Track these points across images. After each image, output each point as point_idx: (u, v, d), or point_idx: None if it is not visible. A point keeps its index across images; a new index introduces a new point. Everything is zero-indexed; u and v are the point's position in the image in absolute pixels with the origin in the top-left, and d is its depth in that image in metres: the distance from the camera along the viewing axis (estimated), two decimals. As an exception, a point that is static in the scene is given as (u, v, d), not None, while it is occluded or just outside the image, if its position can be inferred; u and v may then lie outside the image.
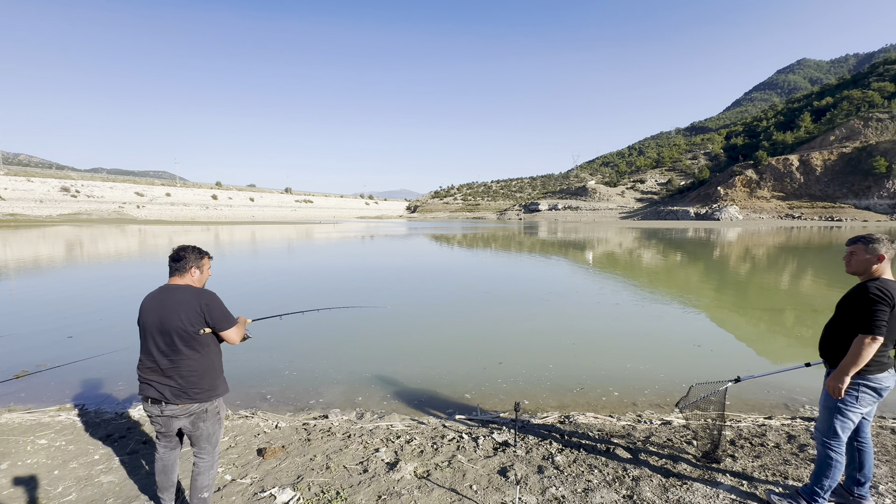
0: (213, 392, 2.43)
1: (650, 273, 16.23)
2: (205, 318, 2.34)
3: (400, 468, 3.22)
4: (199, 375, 2.35)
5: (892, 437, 3.92)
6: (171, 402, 2.31)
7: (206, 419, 2.42)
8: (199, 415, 2.39)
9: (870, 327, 2.33)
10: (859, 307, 2.41)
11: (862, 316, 2.38)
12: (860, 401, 2.48)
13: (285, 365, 6.01)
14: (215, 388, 2.45)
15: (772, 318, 9.01)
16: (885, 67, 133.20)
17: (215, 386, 2.44)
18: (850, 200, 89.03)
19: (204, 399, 2.39)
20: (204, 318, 2.34)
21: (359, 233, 42.65)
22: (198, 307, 2.32)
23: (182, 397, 2.32)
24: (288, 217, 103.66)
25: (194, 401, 2.35)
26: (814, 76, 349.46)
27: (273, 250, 23.82)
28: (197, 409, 2.38)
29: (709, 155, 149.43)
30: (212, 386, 2.42)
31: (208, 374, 2.40)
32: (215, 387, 2.45)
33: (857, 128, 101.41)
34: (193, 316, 2.30)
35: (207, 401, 2.41)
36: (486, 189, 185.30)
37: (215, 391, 2.44)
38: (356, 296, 10.94)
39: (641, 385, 5.31)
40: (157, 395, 2.31)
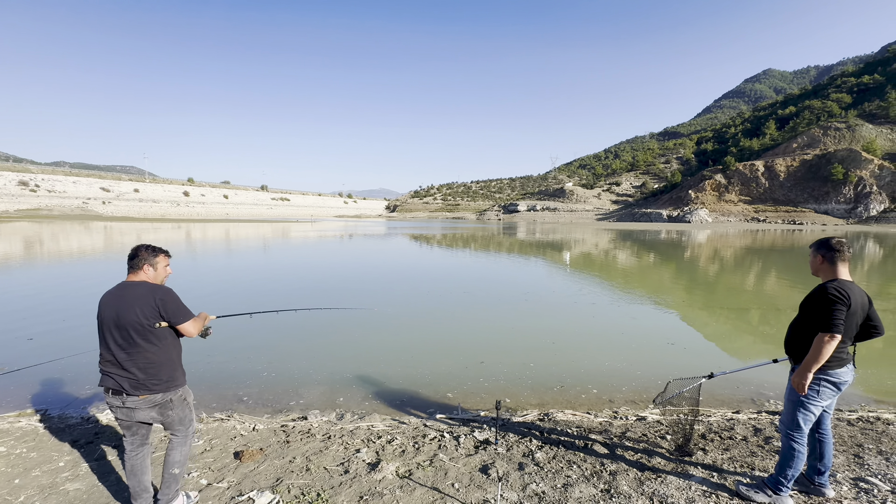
0: (172, 383, 2.53)
1: (625, 274, 16.65)
2: (160, 311, 2.43)
3: (381, 468, 3.21)
4: (156, 367, 2.44)
5: (849, 429, 4.16)
6: (131, 394, 2.40)
7: (172, 408, 2.54)
8: (165, 405, 2.50)
9: (829, 326, 2.46)
10: (819, 307, 2.54)
11: (822, 315, 2.51)
12: (821, 395, 2.62)
13: (263, 366, 5.89)
14: (174, 378, 2.55)
15: (739, 316, 9.40)
16: (842, 80, 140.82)
17: (174, 377, 2.55)
18: (810, 205, 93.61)
19: (164, 389, 2.49)
20: (159, 312, 2.43)
21: (337, 232, 42.10)
22: (153, 301, 2.42)
23: (141, 389, 2.41)
24: (264, 215, 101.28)
25: (154, 392, 2.45)
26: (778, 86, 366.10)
27: (248, 249, 23.24)
28: (161, 399, 2.48)
29: (681, 159, 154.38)
30: (170, 377, 2.52)
31: (166, 366, 2.49)
32: (174, 377, 2.55)
33: (818, 136, 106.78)
34: (148, 310, 2.40)
35: (168, 391, 2.51)
36: (466, 189, 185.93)
37: (174, 382, 2.55)
38: (334, 296, 10.81)
39: (619, 382, 5.45)
40: (117, 387, 2.41)
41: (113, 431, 3.90)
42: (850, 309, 2.49)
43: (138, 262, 2.52)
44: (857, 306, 2.53)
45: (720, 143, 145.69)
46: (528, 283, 13.60)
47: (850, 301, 2.48)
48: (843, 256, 2.62)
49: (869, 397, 5.25)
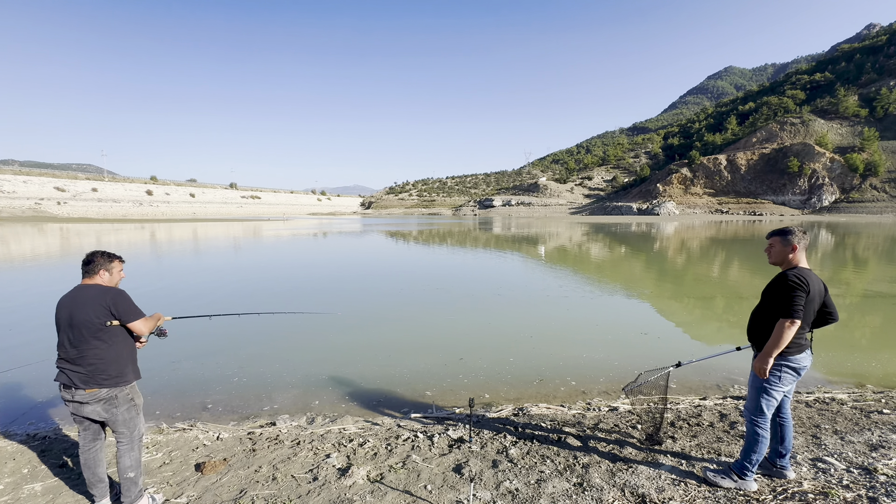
0: (120, 379, 2.63)
1: (598, 266, 16.99)
2: (111, 310, 2.57)
3: (352, 473, 3.11)
4: (105, 363, 2.57)
5: (807, 410, 4.34)
6: (80, 388, 2.53)
7: (117, 405, 2.63)
8: (110, 400, 2.61)
9: (789, 312, 2.53)
10: (780, 294, 2.61)
11: (782, 302, 2.58)
12: (782, 380, 2.69)
13: (233, 371, 5.65)
14: (123, 375, 2.65)
15: (706, 305, 9.73)
16: (796, 77, 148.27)
17: (123, 374, 2.65)
18: (769, 196, 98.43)
19: (111, 385, 2.60)
20: (110, 311, 2.57)
21: (311, 230, 41.22)
22: (104, 302, 2.56)
23: (90, 383, 2.54)
24: (233, 214, 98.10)
25: (102, 386, 2.57)
26: (739, 83, 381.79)
27: (217, 249, 22.43)
28: (106, 394, 2.59)
29: (649, 154, 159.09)
30: (119, 373, 2.63)
31: (115, 362, 2.61)
32: (123, 374, 2.65)
33: (775, 131, 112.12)
34: (99, 310, 2.54)
35: (115, 387, 2.61)
36: (442, 185, 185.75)
37: (123, 378, 2.64)
38: (306, 297, 10.54)
39: (596, 373, 5.51)
40: (68, 381, 2.55)
41: (61, 447, 3.63)
42: (809, 296, 2.56)
43: (94, 267, 2.67)
44: (815, 293, 2.60)
45: (686, 138, 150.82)
46: (502, 278, 13.67)
47: (809, 288, 2.55)
48: (801, 245, 2.69)
49: (823, 378, 5.52)
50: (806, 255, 2.77)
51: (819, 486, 2.76)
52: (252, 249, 22.69)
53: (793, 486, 2.76)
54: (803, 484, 2.78)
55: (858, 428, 3.82)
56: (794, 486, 2.76)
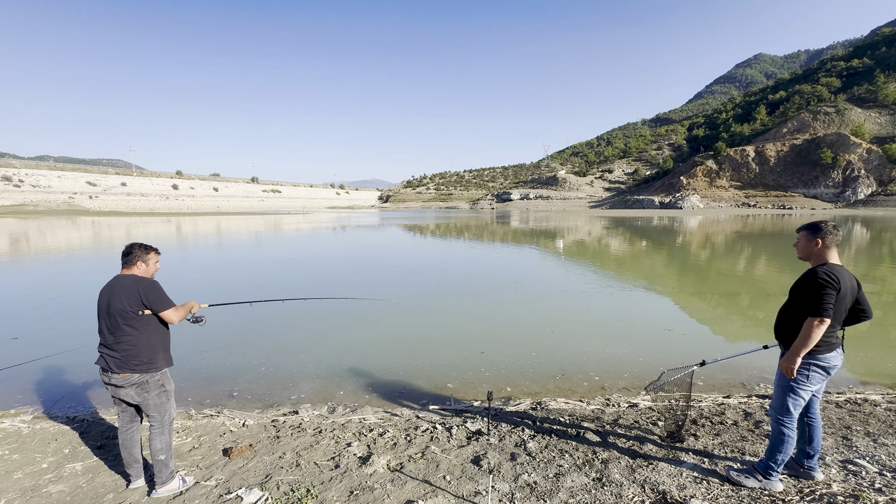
0: (151, 365, 2.78)
1: (617, 261, 16.71)
2: (142, 300, 2.72)
3: (372, 462, 3.18)
4: (137, 350, 2.72)
5: (837, 411, 4.20)
6: (115, 372, 2.71)
7: (148, 390, 2.78)
8: (142, 385, 2.76)
9: (818, 310, 2.44)
10: (809, 291, 2.51)
11: (811, 300, 2.49)
12: (811, 379, 2.62)
13: (259, 360, 5.82)
14: (154, 361, 2.80)
15: (731, 301, 9.47)
16: (831, 64, 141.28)
17: (154, 360, 2.80)
18: (799, 189, 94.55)
19: (142, 370, 2.75)
20: (141, 301, 2.72)
21: (330, 223, 41.78)
22: (136, 292, 2.71)
23: (123, 368, 2.71)
24: (255, 207, 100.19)
25: (134, 371, 2.72)
26: (769, 70, 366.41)
27: (241, 241, 22.99)
28: (138, 379, 2.75)
29: (672, 146, 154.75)
30: (150, 360, 2.78)
31: (146, 349, 2.76)
32: (154, 360, 2.80)
33: (807, 121, 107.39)
34: (133, 299, 2.70)
35: (146, 372, 2.76)
36: (459, 179, 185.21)
37: (153, 364, 2.79)
38: (331, 288, 10.72)
39: (621, 369, 5.45)
40: (105, 365, 2.73)
41: (99, 430, 3.83)
42: (840, 293, 2.46)
43: (132, 258, 2.83)
44: (846, 290, 2.50)
45: (711, 129, 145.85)
46: (519, 272, 13.60)
47: (839, 285, 2.45)
48: (833, 240, 2.59)
49: (856, 379, 5.32)
50: (838, 252, 2.66)
51: (849, 488, 2.68)
52: (275, 243, 23.17)
53: (821, 488, 2.69)
54: (832, 486, 2.71)
55: (893, 430, 3.68)
56: (823, 488, 2.69)
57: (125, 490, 2.87)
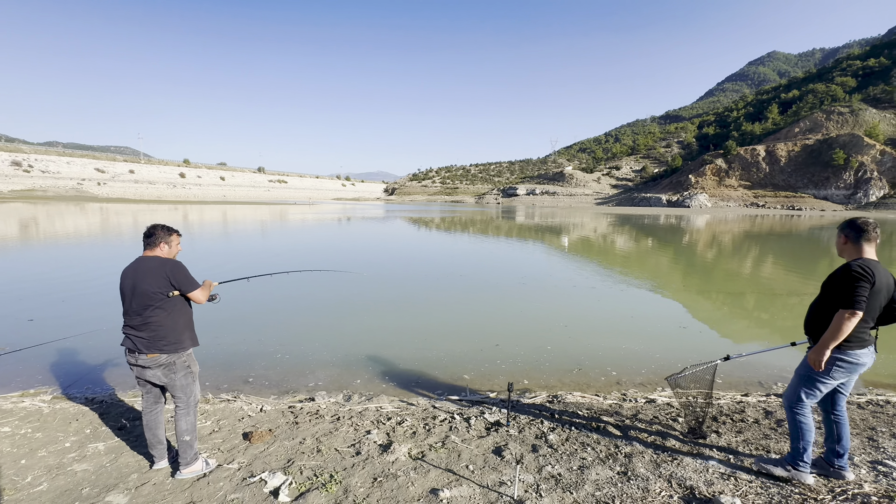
0: (178, 345, 2.79)
1: (625, 258, 16.61)
2: (170, 281, 2.72)
3: (394, 450, 3.17)
4: (165, 330, 2.73)
5: (860, 412, 4.14)
6: (142, 353, 2.70)
7: (175, 371, 2.79)
8: (169, 366, 2.76)
9: (850, 302, 2.42)
10: (842, 284, 2.49)
11: (843, 292, 2.47)
12: (832, 373, 2.60)
13: (274, 347, 5.84)
14: (181, 342, 2.80)
15: (743, 301, 9.38)
16: (847, 63, 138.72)
17: (181, 340, 2.81)
18: (810, 190, 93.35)
19: (171, 350, 2.76)
20: (170, 282, 2.72)
21: (336, 214, 41.83)
22: (164, 273, 2.71)
23: (151, 348, 2.70)
24: (261, 197, 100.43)
25: (162, 352, 2.72)
26: (782, 69, 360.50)
27: (247, 230, 23.06)
28: (166, 360, 2.75)
29: (681, 143, 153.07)
30: (177, 340, 2.78)
31: (173, 330, 2.77)
32: (181, 341, 2.81)
33: (820, 121, 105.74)
34: (160, 280, 2.70)
35: (174, 352, 2.77)
36: (465, 173, 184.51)
37: (181, 344, 2.80)
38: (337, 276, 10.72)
39: (637, 365, 5.41)
40: (132, 346, 2.72)
41: (118, 411, 3.84)
42: (875, 287, 2.44)
43: (155, 239, 2.83)
44: (881, 286, 2.48)
45: (722, 128, 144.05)
46: (527, 267, 13.55)
47: (874, 279, 2.43)
48: (868, 236, 2.56)
49: (876, 381, 5.24)
50: (875, 249, 2.61)
51: (882, 489, 2.63)
52: (282, 232, 23.23)
53: (853, 488, 2.64)
54: (864, 486, 2.66)
55: (918, 432, 3.62)
56: (855, 488, 2.65)
57: (149, 471, 2.88)
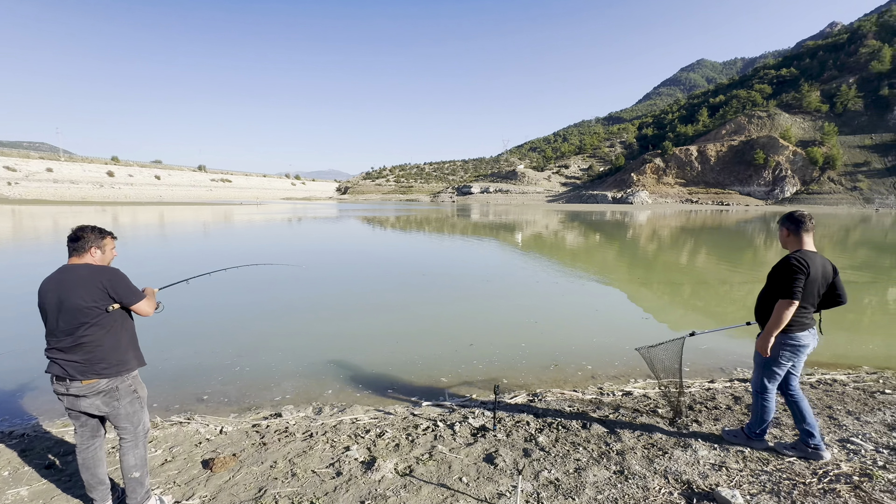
0: (122, 367, 2.36)
1: (582, 253, 17.18)
2: (108, 293, 2.29)
3: (378, 467, 2.91)
4: (105, 350, 2.30)
5: (814, 392, 4.41)
6: (76, 379, 2.26)
7: (119, 397, 2.36)
8: (110, 393, 2.33)
9: (788, 292, 2.67)
10: (781, 276, 2.74)
11: (782, 283, 2.72)
12: (783, 356, 2.84)
13: (230, 359, 5.31)
14: (125, 362, 2.38)
15: (697, 290, 9.92)
16: (764, 72, 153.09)
17: (125, 361, 2.38)
18: (736, 187, 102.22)
19: (112, 374, 2.33)
20: (108, 294, 2.29)
21: (286, 215, 40.02)
22: (99, 284, 2.27)
23: (87, 373, 2.26)
24: (202, 198, 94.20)
25: (102, 376, 2.30)
26: (710, 75, 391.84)
27: (189, 233, 21.39)
28: (106, 386, 2.32)
29: (624, 143, 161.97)
30: (120, 360, 2.36)
31: (115, 349, 2.34)
32: (125, 361, 2.38)
33: (743, 124, 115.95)
34: (95, 293, 2.26)
35: (117, 376, 2.34)
36: (419, 171, 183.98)
37: (125, 366, 2.38)
38: (293, 281, 10.13)
39: (611, 357, 5.47)
40: (62, 373, 2.27)
41: (44, 446, 3.27)
42: (810, 277, 2.68)
43: (84, 243, 2.35)
44: (817, 274, 2.72)
45: (659, 129, 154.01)
46: (489, 265, 13.59)
47: (809, 270, 2.67)
48: (806, 227, 2.82)
49: (821, 362, 5.66)
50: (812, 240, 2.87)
51: (857, 467, 2.76)
52: (228, 233, 21.80)
53: (832, 468, 2.75)
54: (841, 466, 2.78)
55: (868, 408, 3.90)
56: (833, 469, 2.75)
57: (89, 517, 2.43)
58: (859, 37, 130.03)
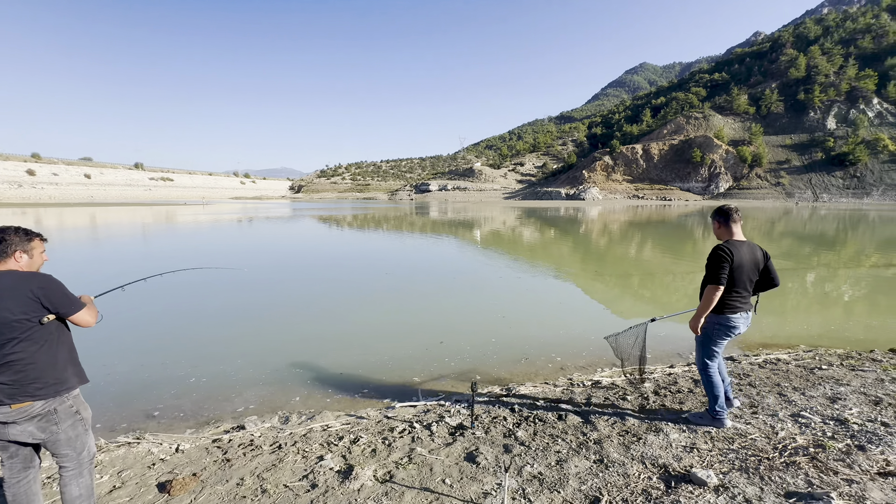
0: (60, 386, 2.08)
1: (540, 248, 17.60)
2: (41, 304, 2.02)
3: (356, 475, 2.77)
4: (38, 369, 2.02)
5: (762, 371, 4.73)
6: (3, 404, 1.96)
7: (58, 420, 2.08)
8: (47, 416, 2.04)
9: (714, 278, 2.97)
10: (709, 264, 3.04)
11: (709, 270, 3.03)
12: (717, 335, 3.14)
13: (184, 370, 4.91)
14: (64, 381, 2.10)
15: (651, 280, 10.43)
16: (699, 76, 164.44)
17: (63, 379, 2.10)
18: (677, 183, 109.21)
19: (50, 395, 2.04)
20: (41, 305, 2.02)
21: (235, 215, 38.01)
22: (29, 293, 1.99)
23: (18, 396, 1.96)
24: (141, 198, 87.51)
25: (37, 398, 2.01)
26: (652, 78, 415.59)
27: (123, 236, 19.74)
28: (42, 409, 2.03)
29: (575, 142, 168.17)
30: (59, 379, 2.08)
31: (52, 366, 2.07)
32: (64, 380, 2.10)
33: (682, 124, 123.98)
34: (25, 303, 1.98)
35: (55, 396, 2.06)
36: (376, 169, 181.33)
37: (64, 384, 2.10)
38: (249, 284, 9.59)
39: (579, 348, 5.59)
40: None
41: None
42: (735, 264, 2.95)
43: (7, 247, 2.07)
44: (743, 261, 3.00)
45: (607, 128, 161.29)
46: (452, 262, 13.60)
47: (733, 257, 2.95)
48: (733, 218, 3.11)
49: (766, 342, 6.12)
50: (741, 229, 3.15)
51: (811, 439, 2.96)
52: (170, 236, 20.34)
53: (790, 442, 2.93)
54: (797, 439, 2.98)
55: (810, 384, 4.23)
56: (791, 441, 2.94)
57: (23, 561, 2.12)
58: (779, 46, 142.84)
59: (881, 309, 8.01)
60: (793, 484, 2.44)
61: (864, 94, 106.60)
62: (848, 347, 5.81)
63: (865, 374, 4.50)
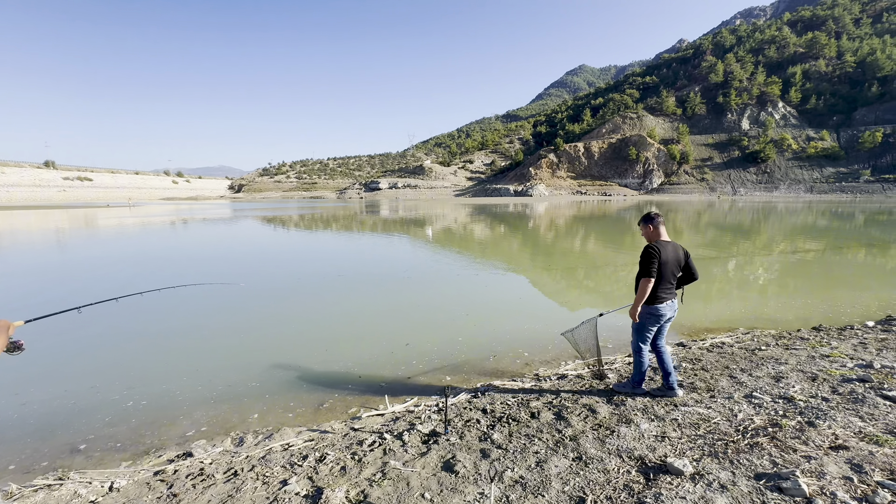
0: None
1: (492, 246, 17.83)
2: None
3: (327, 499, 2.55)
4: None
5: (711, 355, 5.02)
6: None
7: None
8: None
9: (646, 272, 3.49)
10: (641, 260, 3.54)
11: (642, 265, 3.54)
12: (649, 322, 3.65)
13: (120, 395, 4.33)
14: None
15: (605, 274, 10.86)
16: (632, 78, 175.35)
17: None
18: (616, 180, 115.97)
19: None
20: None
21: (167, 217, 35.06)
22: None
23: None
24: (53, 200, 78.36)
25: None
26: (590, 80, 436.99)
27: (35, 243, 17.49)
28: None
29: (522, 140, 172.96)
30: None
31: None
32: None
33: (619, 124, 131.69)
34: None
35: None
36: (323, 167, 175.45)
37: None
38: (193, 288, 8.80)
39: (544, 342, 5.63)
40: None
41: None
42: (662, 259, 3.49)
43: None
44: (668, 258, 3.52)
45: (551, 127, 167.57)
46: (407, 261, 13.39)
47: (660, 255, 3.48)
48: (657, 222, 3.64)
49: (709, 327, 6.53)
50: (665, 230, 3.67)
51: (767, 419, 3.14)
52: (91, 243, 18.30)
53: (749, 423, 3.09)
54: (755, 420, 3.15)
55: (755, 365, 4.55)
56: (749, 423, 3.10)
57: None
58: (701, 53, 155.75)
59: (793, 290, 8.88)
60: (759, 465, 2.55)
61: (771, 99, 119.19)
62: (780, 328, 6.34)
63: (798, 352, 4.91)
